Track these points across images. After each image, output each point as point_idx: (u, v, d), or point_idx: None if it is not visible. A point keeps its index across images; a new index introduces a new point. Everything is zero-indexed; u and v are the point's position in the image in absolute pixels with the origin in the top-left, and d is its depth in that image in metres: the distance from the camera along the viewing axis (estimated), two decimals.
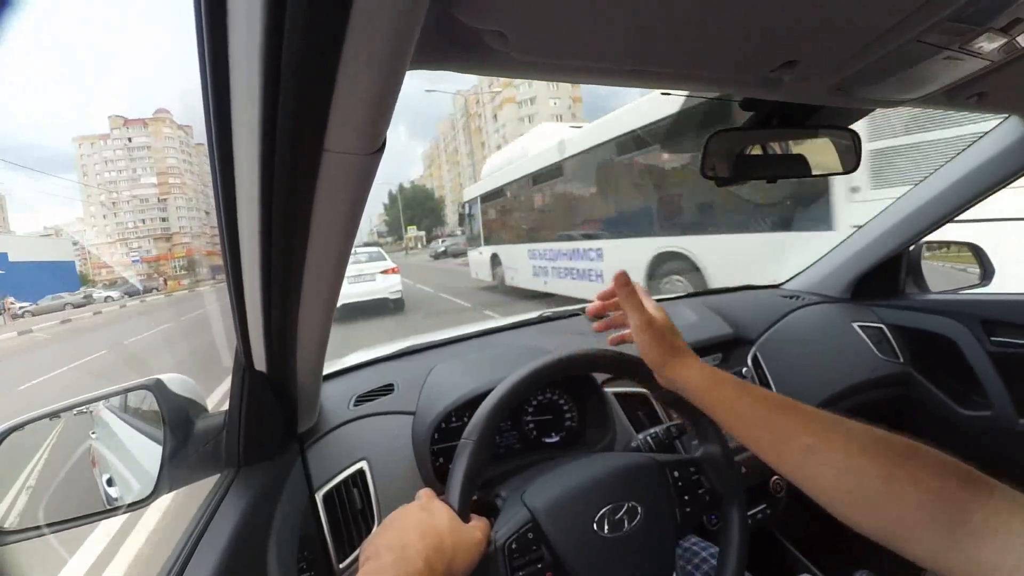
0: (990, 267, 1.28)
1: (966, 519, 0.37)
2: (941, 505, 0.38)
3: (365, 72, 0.27)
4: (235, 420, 0.62)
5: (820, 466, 0.45)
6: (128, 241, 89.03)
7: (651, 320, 0.59)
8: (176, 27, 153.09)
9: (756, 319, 1.21)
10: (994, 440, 1.13)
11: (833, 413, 0.49)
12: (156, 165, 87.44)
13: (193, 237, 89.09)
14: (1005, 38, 0.50)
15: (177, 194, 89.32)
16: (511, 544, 0.52)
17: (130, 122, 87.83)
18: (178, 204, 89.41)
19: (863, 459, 0.43)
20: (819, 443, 0.45)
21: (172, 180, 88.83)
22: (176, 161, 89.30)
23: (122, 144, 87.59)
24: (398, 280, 8.37)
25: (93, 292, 35.54)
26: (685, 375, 0.57)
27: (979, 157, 1.05)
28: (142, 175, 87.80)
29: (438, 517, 0.48)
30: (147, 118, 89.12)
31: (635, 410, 0.93)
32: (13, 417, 0.58)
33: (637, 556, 0.55)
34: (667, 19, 0.39)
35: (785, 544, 1.05)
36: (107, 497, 0.68)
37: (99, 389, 0.64)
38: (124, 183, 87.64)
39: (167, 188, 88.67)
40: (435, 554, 0.44)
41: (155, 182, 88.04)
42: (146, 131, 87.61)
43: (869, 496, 0.42)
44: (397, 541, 0.45)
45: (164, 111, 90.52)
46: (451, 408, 0.80)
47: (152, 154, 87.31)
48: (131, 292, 41.00)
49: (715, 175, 0.75)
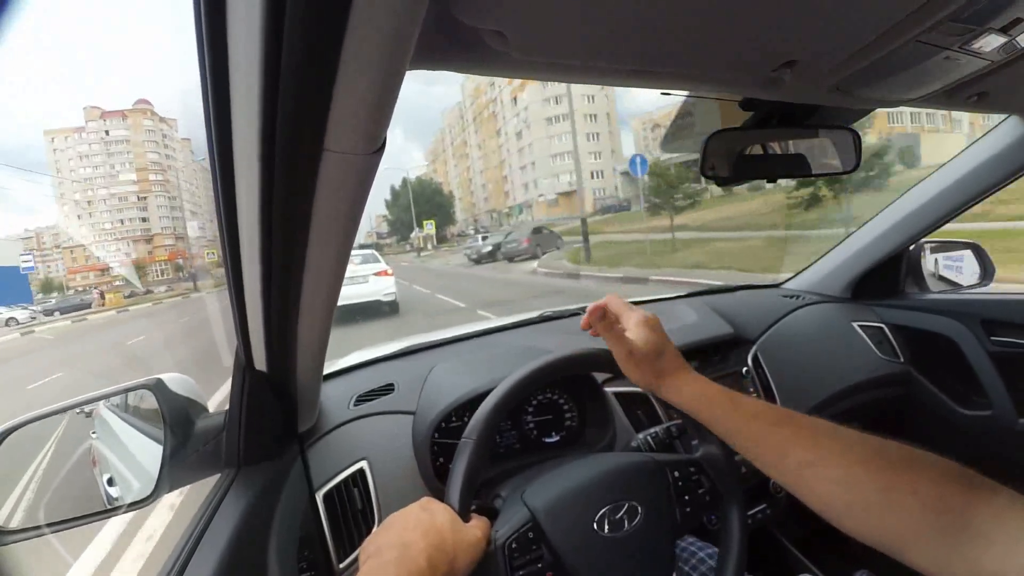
0: (990, 267, 1.28)
1: (966, 524, 0.37)
2: (941, 513, 0.38)
3: (365, 72, 0.27)
4: (235, 420, 0.62)
5: (817, 480, 0.45)
6: (105, 244, 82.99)
7: (631, 349, 0.57)
8: (176, 27, 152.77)
9: (756, 319, 1.21)
10: (994, 440, 1.13)
11: (830, 419, 0.48)
12: (136, 161, 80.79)
13: (176, 239, 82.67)
14: (1005, 38, 0.50)
15: (159, 192, 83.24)
16: (511, 543, 0.52)
17: (107, 114, 79.03)
18: (159, 203, 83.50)
19: (859, 470, 0.43)
20: (815, 457, 0.45)
21: (153, 177, 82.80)
22: (158, 156, 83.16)
23: (98, 138, 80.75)
24: (392, 282, 8.47)
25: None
26: (675, 399, 0.56)
27: (979, 157, 1.05)
28: (121, 171, 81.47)
29: (439, 517, 0.48)
30: (126, 109, 79.98)
31: (635, 410, 0.93)
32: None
33: (637, 556, 0.55)
34: (667, 19, 0.39)
35: (785, 544, 1.05)
36: (108, 497, 0.68)
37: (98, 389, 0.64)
38: (101, 180, 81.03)
39: (147, 185, 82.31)
40: (437, 553, 0.44)
41: (135, 179, 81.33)
42: (125, 123, 78.95)
43: (867, 507, 0.42)
44: (399, 540, 0.45)
45: (145, 102, 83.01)
46: (451, 408, 0.80)
47: (131, 148, 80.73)
48: (64, 308, 32.22)
49: (715, 175, 0.75)
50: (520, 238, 17.69)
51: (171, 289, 47.46)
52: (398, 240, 58.99)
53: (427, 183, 59.79)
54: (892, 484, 0.41)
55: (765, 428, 0.49)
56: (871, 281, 1.34)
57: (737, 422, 0.51)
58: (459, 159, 74.20)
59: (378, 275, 8.23)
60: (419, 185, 56.47)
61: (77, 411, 0.68)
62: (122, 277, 67.73)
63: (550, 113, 46.47)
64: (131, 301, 35.82)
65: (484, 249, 19.09)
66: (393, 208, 59.06)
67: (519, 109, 50.86)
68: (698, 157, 0.72)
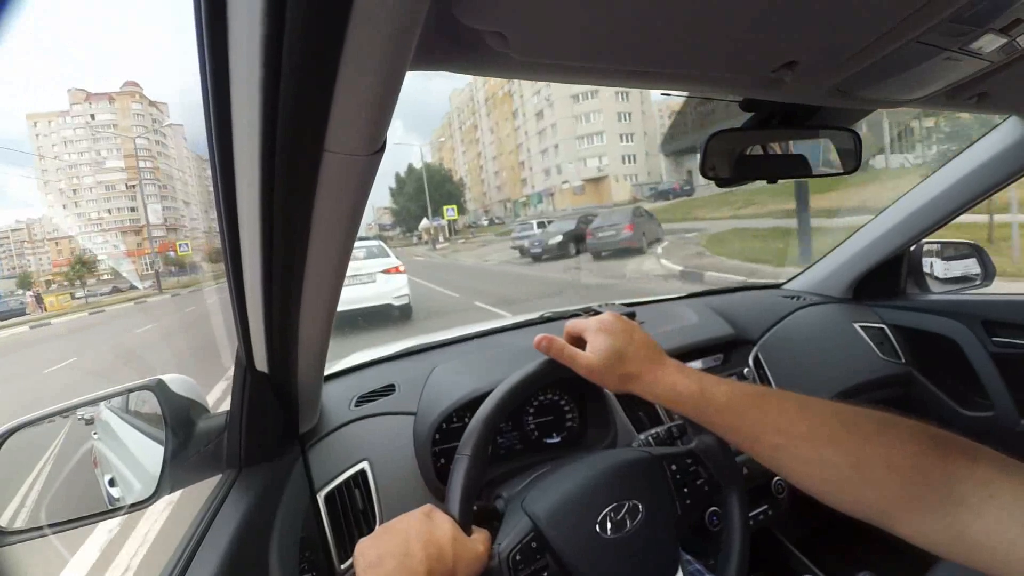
0: (991, 267, 1.27)
1: (948, 494, 0.36)
2: (919, 484, 0.38)
3: (365, 73, 0.28)
4: (236, 421, 0.62)
5: (790, 461, 0.46)
6: (91, 235, 77.88)
7: (589, 367, 0.56)
8: (176, 27, 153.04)
9: (757, 319, 1.21)
10: (995, 441, 1.12)
11: (803, 395, 0.49)
12: (124, 146, 75.71)
13: (168, 231, 78.12)
14: (1005, 39, 0.50)
15: (148, 180, 78.66)
16: (515, 555, 0.51)
17: (93, 96, 75.33)
18: (148, 192, 78.83)
19: (829, 451, 0.43)
20: (785, 440, 0.46)
21: (143, 164, 78.53)
22: (146, 142, 78.42)
23: (84, 122, 75.14)
24: (404, 281, 6.77)
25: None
26: (649, 398, 0.56)
27: (979, 157, 1.05)
28: (108, 158, 76.22)
29: (440, 528, 0.48)
30: (113, 92, 76.63)
31: (635, 410, 0.93)
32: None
33: (641, 555, 0.55)
34: (667, 20, 0.39)
35: (787, 545, 1.04)
36: (109, 497, 0.68)
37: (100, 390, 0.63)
38: (87, 167, 76.19)
39: (135, 173, 77.29)
40: (437, 564, 0.44)
41: (123, 166, 76.12)
42: (112, 107, 74.76)
43: (842, 483, 0.42)
44: (399, 549, 0.45)
45: (133, 84, 78.00)
46: (452, 408, 0.80)
47: (119, 133, 75.42)
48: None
49: (715, 175, 0.75)
50: (619, 222, 11.77)
51: (117, 292, 40.10)
52: (404, 231, 54.00)
53: (436, 170, 54.77)
54: (864, 459, 0.41)
55: (734, 417, 0.49)
56: (872, 282, 1.34)
57: (709, 416, 0.51)
58: (468, 145, 68.10)
59: (387, 272, 6.60)
60: (427, 172, 50.03)
61: (79, 416, 0.68)
62: (69, 276, 59.31)
63: (577, 90, 38.76)
64: (79, 306, 29.52)
65: (552, 240, 13.27)
66: (399, 197, 53.77)
67: (540, 87, 43.71)
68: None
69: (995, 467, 0.37)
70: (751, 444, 0.49)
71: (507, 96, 54.11)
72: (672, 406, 0.54)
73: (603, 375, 0.56)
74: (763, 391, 0.51)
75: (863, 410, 0.45)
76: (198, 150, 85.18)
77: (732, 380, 0.53)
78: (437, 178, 49.67)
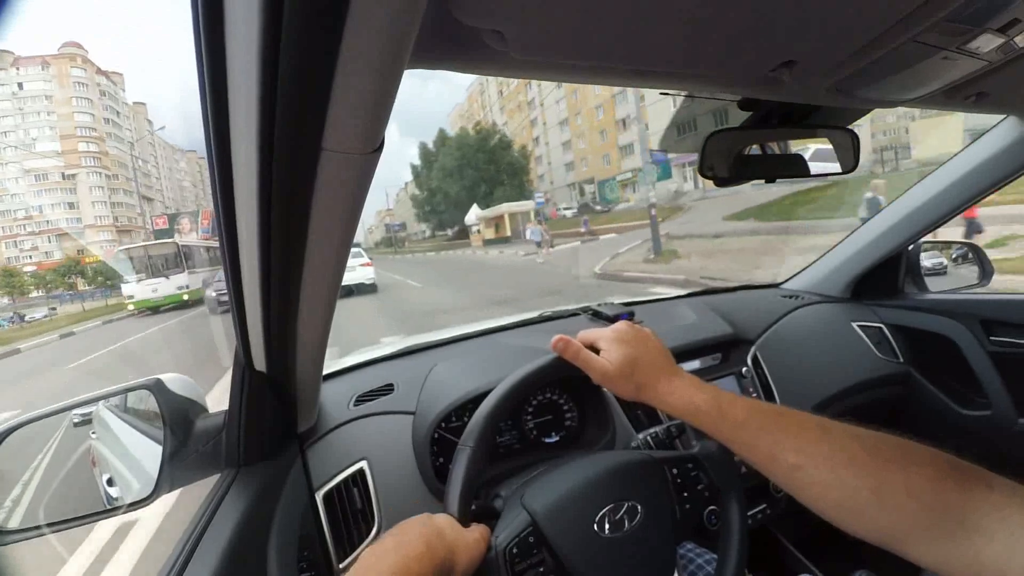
0: (989, 267, 1.28)
1: (963, 520, 0.36)
2: (936, 510, 0.38)
3: (363, 72, 0.28)
4: (235, 420, 0.62)
5: (807, 482, 0.45)
6: (18, 240, 59.34)
7: (604, 374, 0.56)
8: (174, 27, 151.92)
9: (756, 319, 1.21)
10: (994, 440, 1.13)
11: (822, 417, 0.48)
12: (60, 125, 57.55)
13: (120, 232, 58.81)
14: (1003, 38, 0.50)
15: (92, 168, 58.81)
16: (512, 548, 0.51)
17: (22, 60, 57.59)
18: (93, 183, 59.09)
19: (848, 473, 0.43)
20: (804, 461, 0.45)
21: (85, 147, 58.45)
22: (90, 119, 59.31)
23: (9, 93, 57.98)
24: (372, 271, 11.73)
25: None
26: (661, 407, 0.56)
27: (977, 157, 1.05)
28: (39, 139, 57.95)
29: (438, 518, 0.49)
30: (49, 55, 58.17)
31: (635, 410, 0.93)
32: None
33: (638, 556, 0.55)
34: (665, 19, 0.39)
35: (785, 544, 1.05)
36: (107, 497, 0.68)
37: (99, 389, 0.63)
38: (11, 151, 57.39)
39: (76, 158, 57.81)
40: (436, 539, 0.45)
41: (59, 149, 57.59)
42: (45, 73, 57.05)
43: (859, 507, 0.42)
44: (397, 530, 0.46)
45: (75, 44, 58.57)
46: (451, 408, 0.80)
47: (55, 107, 57.61)
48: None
49: (713, 175, 0.75)
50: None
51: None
52: (432, 228, 37.24)
53: (479, 137, 34.38)
54: (883, 484, 0.41)
55: (752, 435, 0.49)
56: (870, 281, 1.34)
57: (725, 432, 0.51)
58: (513, 111, 47.80)
59: (363, 266, 11.06)
60: (465, 139, 33.53)
61: (76, 417, 0.68)
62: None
63: None
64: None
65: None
66: (424, 180, 36.25)
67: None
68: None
69: (1008, 492, 0.37)
70: (768, 463, 0.48)
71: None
72: (685, 419, 0.54)
73: (617, 383, 0.56)
74: (781, 410, 0.50)
75: (882, 434, 0.45)
76: (172, 139, 70.64)
77: (749, 397, 0.52)
78: (486, 146, 33.42)
